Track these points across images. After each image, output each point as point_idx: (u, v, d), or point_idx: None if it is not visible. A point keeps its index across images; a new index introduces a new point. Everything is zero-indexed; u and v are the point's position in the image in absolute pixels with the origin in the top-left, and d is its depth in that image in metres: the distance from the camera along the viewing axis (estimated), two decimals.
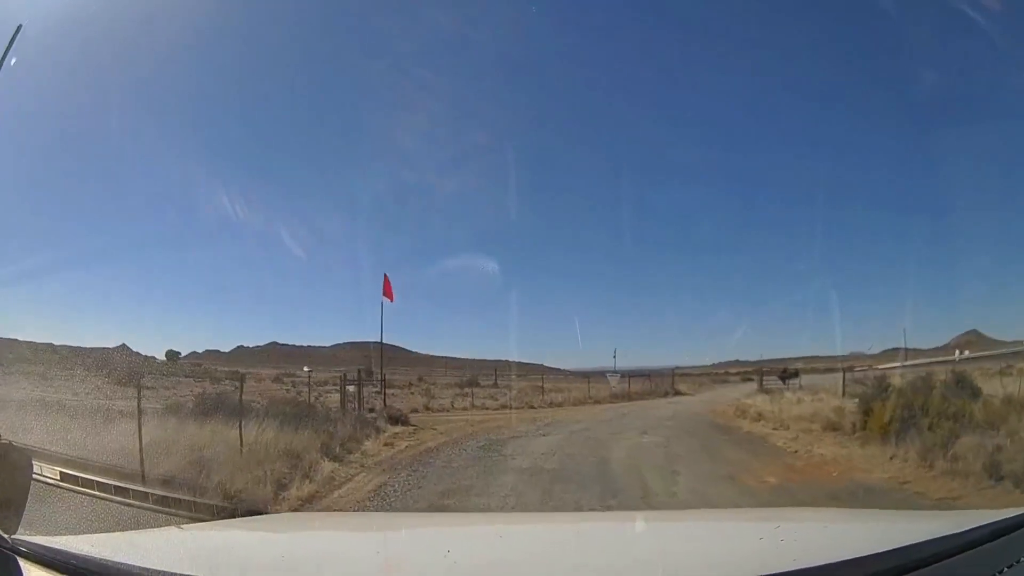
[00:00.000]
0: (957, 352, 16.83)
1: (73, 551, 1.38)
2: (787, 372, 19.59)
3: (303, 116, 18.67)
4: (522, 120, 19.44)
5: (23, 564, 1.35)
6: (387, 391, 16.48)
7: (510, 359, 21.12)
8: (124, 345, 15.07)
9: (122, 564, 1.36)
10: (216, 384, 13.70)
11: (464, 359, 22.52)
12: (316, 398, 14.66)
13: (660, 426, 12.92)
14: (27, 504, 1.55)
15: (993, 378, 12.56)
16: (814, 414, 11.89)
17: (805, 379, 19.64)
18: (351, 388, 13.76)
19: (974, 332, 18.25)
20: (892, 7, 13.78)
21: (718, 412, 15.96)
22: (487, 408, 17.48)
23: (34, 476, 2.00)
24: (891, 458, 7.86)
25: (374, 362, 16.23)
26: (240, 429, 8.04)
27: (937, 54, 13.85)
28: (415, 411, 15.49)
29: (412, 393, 18.54)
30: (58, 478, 3.23)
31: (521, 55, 17.14)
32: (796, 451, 9.29)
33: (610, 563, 1.66)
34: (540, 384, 19.79)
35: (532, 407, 17.74)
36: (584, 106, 19.77)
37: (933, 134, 15.52)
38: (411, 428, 12.68)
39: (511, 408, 17.24)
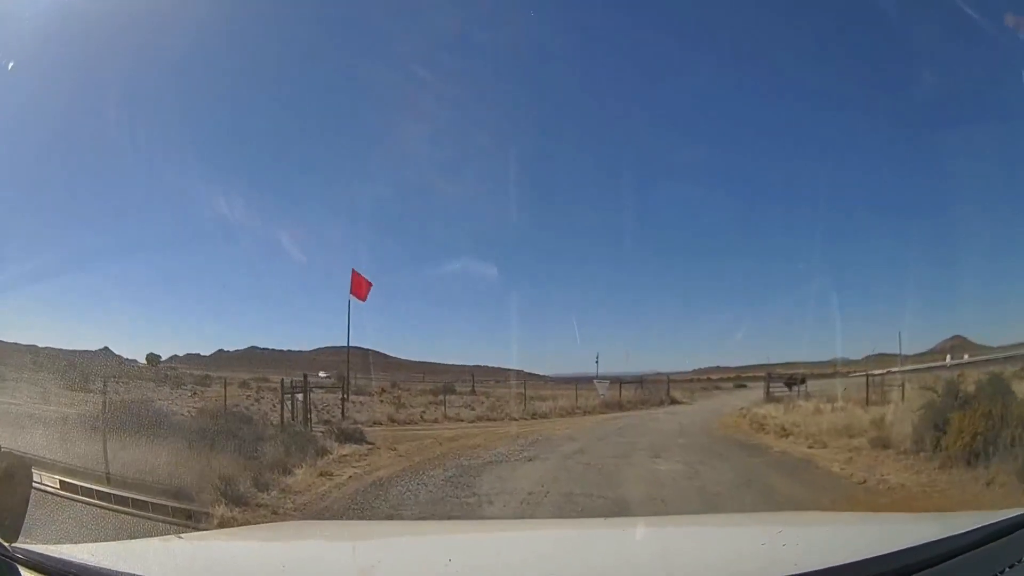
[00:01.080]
0: (948, 357, 19.67)
1: (73, 559, 1.93)
2: (794, 378, 22.18)
3: (288, 117, 22.60)
4: (516, 124, 23.14)
5: (23, 573, 1.90)
6: (357, 399, 18.72)
7: (490, 364, 24.65)
8: (107, 348, 18.23)
9: (122, 573, 1.92)
10: (177, 388, 16.70)
11: (446, 364, 26.19)
12: (272, 407, 16.04)
13: (672, 445, 13.84)
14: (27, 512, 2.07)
15: (1012, 381, 13.83)
16: (848, 427, 13.32)
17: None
18: (304, 395, 15.25)
19: (959, 337, 21.37)
20: (891, 7, 16.65)
21: (730, 424, 17.66)
22: (461, 420, 19.19)
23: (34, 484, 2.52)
24: (987, 484, 8.41)
25: (354, 367, 19.24)
26: (105, 454, 8.21)
27: (934, 56, 16.97)
28: (378, 424, 17.03)
29: (382, 401, 20.69)
30: None
31: (520, 57, 20.99)
32: (864, 481, 9.84)
33: (613, 569, 2.29)
34: (522, 391, 22.13)
35: (513, 419, 19.45)
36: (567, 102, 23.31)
37: (921, 136, 19.95)
38: (365, 447, 13.48)
39: (489, 420, 19.12)
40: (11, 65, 11.63)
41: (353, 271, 18.19)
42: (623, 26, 20.17)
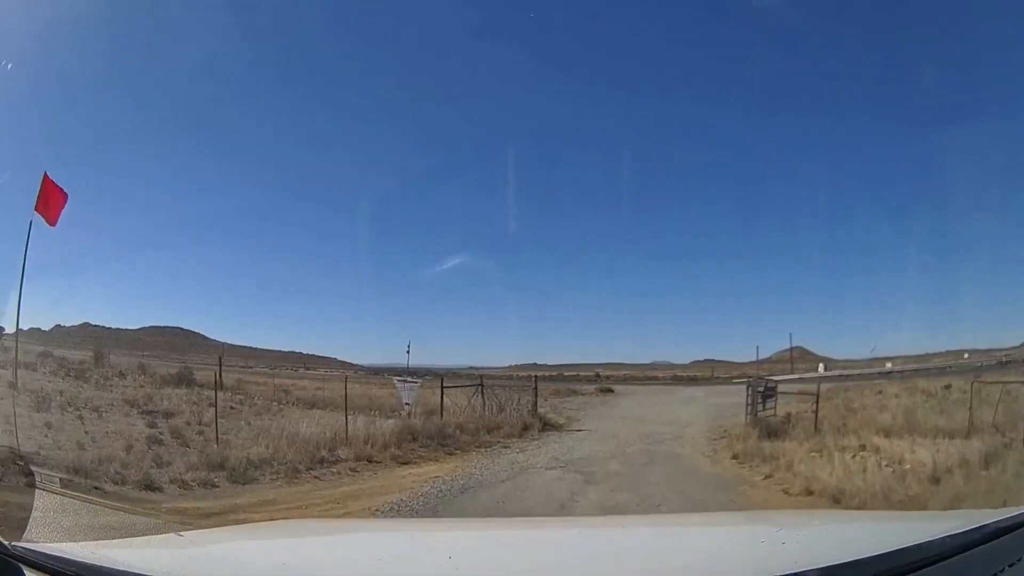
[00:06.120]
0: (821, 366, 21.01)
1: (75, 558, 1.95)
2: (769, 388, 16.51)
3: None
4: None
5: (27, 572, 1.90)
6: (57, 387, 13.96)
7: (303, 351, 24.41)
8: None
9: (123, 570, 1.93)
10: None
11: (263, 350, 24.93)
12: None
13: None
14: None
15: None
16: None
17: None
18: None
19: (799, 348, 22.69)
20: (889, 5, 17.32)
21: None
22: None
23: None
24: None
25: (177, 348, 18.22)
26: None
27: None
28: None
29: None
30: None
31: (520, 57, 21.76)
32: None
33: (613, 567, 2.31)
34: (293, 386, 16.55)
35: (182, 487, 8.80)
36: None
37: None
38: None
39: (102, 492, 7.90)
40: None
41: (46, 177, 12.30)
42: (624, 25, 20.61)
